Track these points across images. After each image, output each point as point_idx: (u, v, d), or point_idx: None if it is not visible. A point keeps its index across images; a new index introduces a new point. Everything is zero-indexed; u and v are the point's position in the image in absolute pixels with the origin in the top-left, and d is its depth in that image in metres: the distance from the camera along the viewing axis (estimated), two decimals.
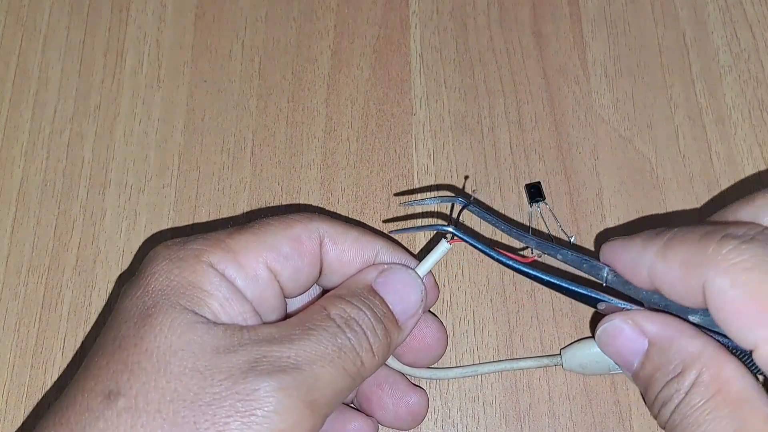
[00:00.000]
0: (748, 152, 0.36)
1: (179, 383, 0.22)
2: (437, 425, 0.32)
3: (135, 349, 0.23)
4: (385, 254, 0.28)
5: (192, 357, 0.23)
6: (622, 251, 0.27)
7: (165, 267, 0.25)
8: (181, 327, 0.23)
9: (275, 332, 0.24)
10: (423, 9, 0.40)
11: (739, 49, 0.39)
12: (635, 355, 0.25)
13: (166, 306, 0.24)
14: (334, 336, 0.24)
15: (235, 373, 0.22)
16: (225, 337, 0.23)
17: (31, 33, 0.39)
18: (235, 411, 0.22)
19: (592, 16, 0.40)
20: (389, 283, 0.27)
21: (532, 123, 0.37)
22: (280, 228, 0.27)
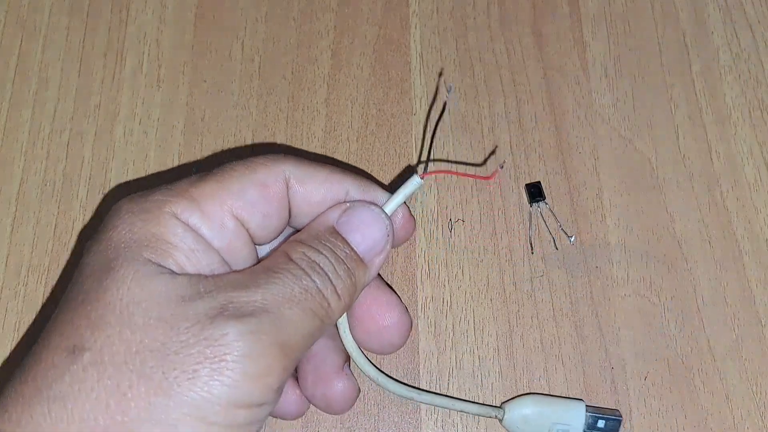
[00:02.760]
0: (748, 152, 0.36)
1: (144, 334, 0.22)
2: (437, 425, 0.32)
3: (98, 303, 0.22)
4: (356, 192, 0.27)
5: (156, 307, 0.22)
6: None
7: (128, 219, 0.24)
8: (144, 278, 0.23)
9: (240, 278, 0.24)
10: (423, 9, 0.40)
11: (740, 49, 0.38)
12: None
13: (129, 258, 0.23)
14: (299, 279, 0.24)
15: (202, 319, 0.22)
16: (190, 286, 0.23)
17: (31, 33, 0.39)
18: (204, 357, 0.21)
19: (592, 15, 0.40)
20: (351, 221, 0.27)
21: (532, 123, 0.37)
22: (244, 173, 0.26)
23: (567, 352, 0.33)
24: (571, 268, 0.34)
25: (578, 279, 0.34)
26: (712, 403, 0.32)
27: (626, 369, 0.33)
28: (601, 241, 0.35)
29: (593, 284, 0.34)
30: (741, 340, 0.33)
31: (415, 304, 0.34)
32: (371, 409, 0.32)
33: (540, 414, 0.31)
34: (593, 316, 0.33)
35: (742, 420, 0.32)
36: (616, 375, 0.33)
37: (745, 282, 0.34)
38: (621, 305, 0.34)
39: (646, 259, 0.34)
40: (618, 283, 0.34)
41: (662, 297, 0.34)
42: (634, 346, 0.33)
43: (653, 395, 0.32)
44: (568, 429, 0.30)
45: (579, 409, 0.31)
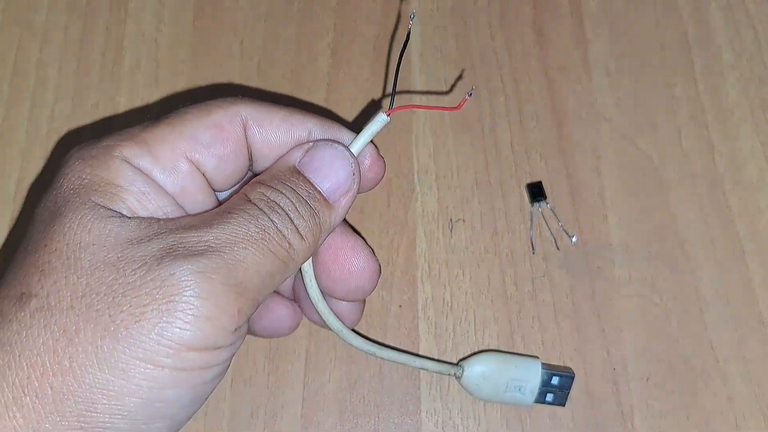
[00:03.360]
0: (750, 151, 0.36)
1: (91, 278, 0.21)
2: (438, 426, 0.32)
3: (44, 249, 0.22)
4: (319, 132, 0.26)
5: (104, 251, 0.21)
6: None
7: (77, 166, 0.23)
8: (91, 222, 0.22)
9: (193, 220, 0.23)
10: (423, 7, 0.40)
11: (742, 48, 0.38)
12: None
13: (77, 203, 0.22)
14: (255, 218, 0.23)
15: (149, 261, 0.21)
16: (139, 229, 0.22)
17: (29, 32, 0.39)
18: (151, 299, 0.20)
19: (593, 14, 0.39)
20: (314, 161, 0.25)
21: (534, 122, 0.37)
22: (197, 116, 0.25)
23: (568, 353, 0.33)
24: (572, 268, 0.34)
25: (580, 279, 0.34)
26: (714, 404, 0.32)
27: (628, 370, 0.32)
28: (602, 241, 0.35)
29: (595, 284, 0.34)
30: (743, 340, 0.33)
31: (416, 305, 0.34)
32: (371, 409, 0.32)
33: (497, 371, 0.31)
34: (595, 316, 0.33)
35: (744, 421, 0.31)
36: (618, 376, 0.32)
37: (748, 282, 0.34)
38: (623, 306, 0.33)
39: (648, 260, 0.34)
40: (620, 283, 0.34)
41: (664, 297, 0.34)
42: (636, 347, 0.33)
43: (655, 396, 0.32)
44: (524, 386, 0.31)
45: (535, 366, 0.31)
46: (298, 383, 0.32)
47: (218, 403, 0.32)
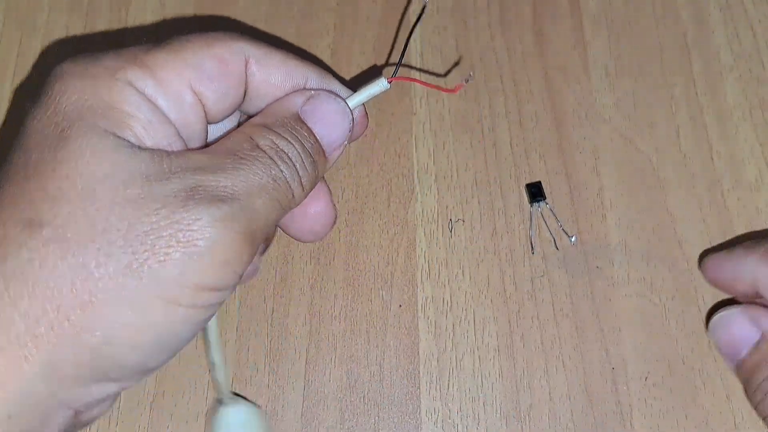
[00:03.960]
0: (749, 152, 0.36)
1: (110, 213, 0.20)
2: (437, 426, 0.32)
3: (53, 174, 0.21)
4: (315, 81, 0.26)
5: (121, 185, 0.21)
6: (726, 262, 0.29)
7: (77, 84, 0.22)
8: (103, 151, 0.21)
9: (206, 160, 0.22)
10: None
11: (741, 48, 0.38)
12: (745, 345, 0.28)
13: (84, 128, 0.21)
14: (268, 168, 0.23)
15: (172, 201, 0.21)
16: (153, 164, 0.22)
17: (30, 32, 0.39)
18: (176, 241, 0.21)
19: (593, 15, 0.39)
20: (317, 112, 0.25)
21: (533, 122, 0.37)
22: (202, 46, 0.24)
23: (568, 353, 0.33)
24: (571, 268, 0.34)
25: (579, 279, 0.34)
26: (713, 403, 0.32)
27: (627, 369, 0.33)
28: (601, 241, 0.35)
29: (594, 284, 0.34)
30: None
31: (416, 305, 0.34)
32: (371, 409, 0.32)
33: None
34: (594, 316, 0.33)
35: (743, 420, 0.32)
36: (617, 375, 0.32)
37: None
38: (622, 305, 0.33)
39: (647, 260, 0.34)
40: (619, 283, 0.34)
41: (663, 297, 0.34)
42: (634, 347, 0.33)
43: (654, 396, 0.32)
44: None
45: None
46: (299, 383, 0.33)
47: None
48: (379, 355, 0.33)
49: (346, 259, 0.34)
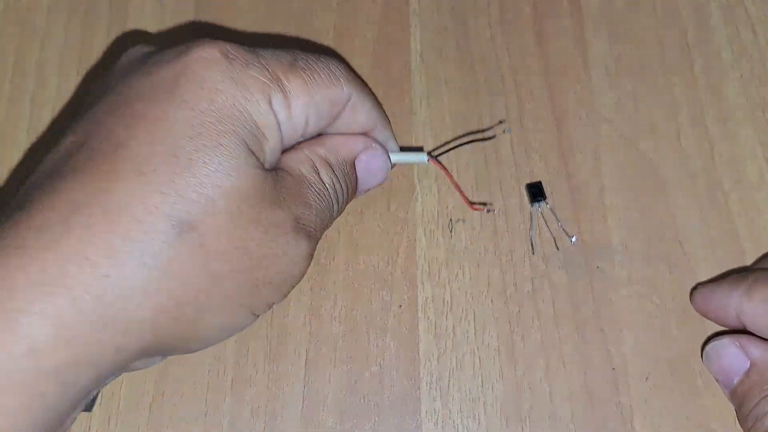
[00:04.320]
0: (750, 152, 0.36)
1: (247, 233, 0.23)
2: (437, 426, 0.32)
3: (207, 180, 0.22)
4: (380, 128, 0.30)
5: (256, 206, 0.23)
6: (712, 296, 0.31)
7: (231, 92, 0.23)
8: (247, 171, 0.23)
9: (296, 188, 0.25)
10: (423, 8, 0.40)
11: (742, 48, 0.38)
12: (737, 373, 0.29)
13: (235, 142, 0.23)
14: (330, 205, 0.27)
15: (284, 229, 0.24)
16: (275, 190, 0.24)
17: (30, 32, 0.39)
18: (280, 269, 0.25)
19: (593, 15, 0.39)
20: (369, 164, 0.29)
21: (533, 122, 0.37)
22: (327, 83, 0.26)
23: (568, 353, 0.33)
24: (572, 268, 0.34)
25: (579, 279, 0.34)
26: (714, 403, 0.32)
27: (628, 370, 0.32)
28: (602, 242, 0.35)
29: (594, 285, 0.34)
30: None
31: (416, 305, 0.34)
32: (371, 410, 0.32)
33: None
34: (594, 316, 0.33)
35: None
36: (618, 376, 0.32)
37: None
38: (622, 306, 0.33)
39: (647, 260, 0.34)
40: (619, 283, 0.34)
41: (664, 297, 0.34)
42: (635, 347, 0.33)
43: (655, 396, 0.32)
44: None
45: None
46: (299, 383, 0.32)
47: (218, 403, 0.32)
48: (379, 356, 0.33)
49: (346, 260, 0.34)
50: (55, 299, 0.20)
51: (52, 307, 0.20)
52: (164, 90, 0.23)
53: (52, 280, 0.20)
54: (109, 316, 0.21)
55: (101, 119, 0.23)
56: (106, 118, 0.23)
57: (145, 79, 0.23)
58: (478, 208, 0.33)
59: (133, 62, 0.25)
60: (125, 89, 0.23)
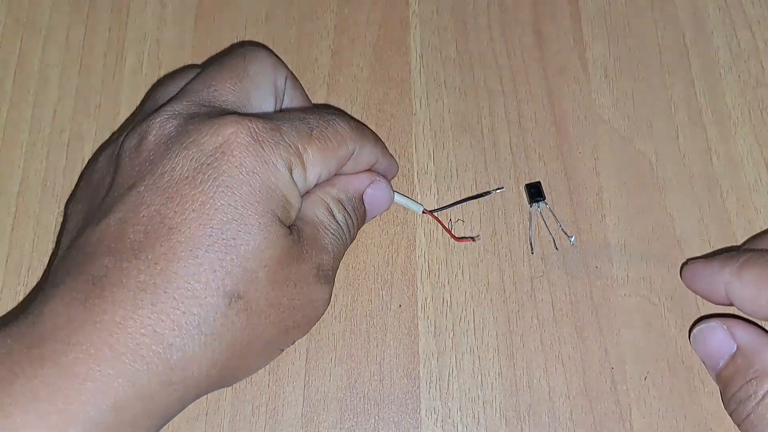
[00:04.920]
0: (748, 152, 0.36)
1: (280, 293, 0.27)
2: (437, 425, 0.32)
3: (244, 252, 0.25)
4: (382, 161, 0.33)
5: (286, 267, 0.27)
6: (702, 272, 0.31)
7: (264, 173, 0.26)
8: (277, 239, 0.26)
9: (312, 235, 0.29)
10: (423, 9, 0.40)
11: (739, 49, 0.39)
12: (723, 356, 0.30)
13: (265, 213, 0.26)
14: (344, 241, 0.31)
15: (313, 281, 0.28)
16: (299, 248, 0.27)
17: (31, 32, 0.39)
18: (307, 313, 0.28)
19: (592, 16, 0.40)
20: (375, 197, 0.32)
21: (532, 123, 0.37)
22: (337, 148, 0.29)
23: (567, 352, 0.33)
24: (571, 268, 0.34)
25: (578, 279, 0.34)
26: (711, 403, 0.32)
27: (626, 369, 0.33)
28: (601, 242, 0.35)
29: (593, 284, 0.34)
30: None
31: (415, 304, 0.34)
32: (371, 409, 0.32)
33: None
34: (593, 316, 0.34)
35: None
36: (616, 375, 0.33)
37: None
38: (621, 305, 0.34)
39: (646, 260, 0.34)
40: (618, 283, 0.34)
41: (662, 297, 0.34)
42: (633, 347, 0.33)
43: (653, 395, 0.32)
44: None
45: None
46: (299, 382, 0.33)
47: (219, 401, 0.32)
48: (379, 355, 0.33)
49: (346, 259, 0.35)
50: (133, 366, 0.24)
51: (132, 372, 0.24)
52: (208, 176, 0.26)
53: (130, 350, 0.24)
54: (174, 376, 0.24)
55: (150, 201, 0.26)
56: (154, 200, 0.26)
57: (187, 162, 0.26)
58: (464, 241, 0.35)
59: (167, 127, 0.27)
60: (168, 170, 0.26)
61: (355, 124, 0.31)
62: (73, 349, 0.23)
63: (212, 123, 0.26)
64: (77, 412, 0.23)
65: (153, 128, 0.27)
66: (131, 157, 0.27)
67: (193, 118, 0.27)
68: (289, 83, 0.33)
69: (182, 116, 0.28)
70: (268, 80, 0.31)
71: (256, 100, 0.30)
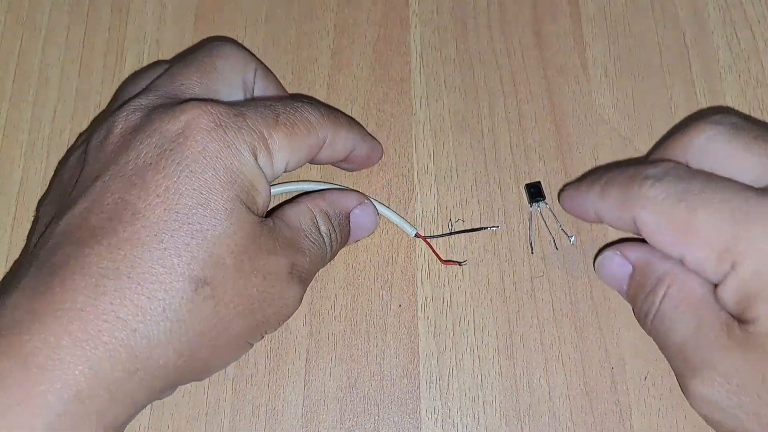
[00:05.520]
0: None
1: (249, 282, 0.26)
2: (437, 425, 0.32)
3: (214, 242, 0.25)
4: (362, 145, 0.33)
5: (254, 258, 0.27)
6: (574, 196, 0.32)
7: (228, 157, 0.26)
8: (245, 226, 0.26)
9: (290, 235, 0.29)
10: (423, 9, 0.40)
11: (739, 48, 0.39)
12: (624, 279, 0.31)
13: (232, 201, 0.26)
14: (324, 252, 0.31)
15: (285, 277, 0.28)
16: (270, 238, 0.27)
17: (31, 32, 0.39)
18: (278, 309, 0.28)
19: (592, 15, 0.40)
20: (361, 219, 0.33)
21: (532, 123, 0.37)
22: (305, 134, 0.29)
23: (567, 352, 0.33)
24: (571, 268, 0.34)
25: (578, 279, 0.34)
26: None
27: (626, 369, 0.33)
28: (601, 241, 0.35)
29: (593, 284, 0.34)
30: None
31: (415, 304, 0.34)
32: (371, 408, 0.32)
33: None
34: (593, 316, 0.34)
35: None
36: (616, 375, 0.33)
37: None
38: (621, 305, 0.34)
39: None
40: None
41: None
42: (634, 346, 0.33)
43: (653, 395, 0.32)
44: None
45: None
46: (299, 382, 0.33)
47: (219, 401, 0.32)
48: (379, 355, 0.33)
49: (346, 259, 0.35)
50: (95, 353, 0.23)
51: (93, 360, 0.23)
52: (171, 160, 0.26)
53: (91, 337, 0.23)
54: (139, 364, 0.24)
55: (114, 189, 0.25)
56: (118, 188, 0.25)
57: (150, 148, 0.26)
58: (450, 264, 0.34)
59: (131, 119, 0.28)
60: (133, 158, 0.26)
61: (326, 111, 0.31)
62: (32, 338, 0.23)
63: (174, 109, 0.27)
64: (39, 403, 0.22)
65: (119, 122, 0.28)
66: (97, 150, 0.27)
67: (156, 108, 0.27)
68: (260, 75, 0.33)
69: (147, 108, 0.28)
70: (235, 74, 0.31)
71: (223, 93, 0.30)
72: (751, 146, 0.28)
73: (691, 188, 0.27)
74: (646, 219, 0.27)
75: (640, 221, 0.28)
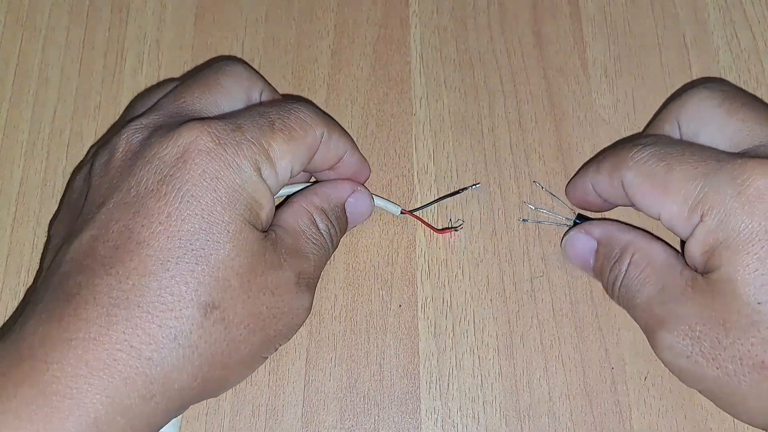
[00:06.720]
0: None
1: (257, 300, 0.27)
2: (437, 425, 0.32)
3: (220, 265, 0.26)
4: (353, 153, 0.33)
5: (261, 275, 0.27)
6: (576, 181, 0.34)
7: (229, 176, 0.26)
8: (248, 245, 0.26)
9: (293, 244, 0.29)
10: (423, 9, 0.40)
11: (739, 49, 0.39)
12: (590, 254, 0.32)
13: (240, 224, 0.26)
14: (326, 250, 0.31)
15: (293, 288, 0.28)
16: (274, 253, 0.28)
17: (31, 33, 0.39)
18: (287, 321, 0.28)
19: (592, 16, 0.40)
20: (356, 206, 0.33)
21: (532, 123, 0.37)
22: (303, 134, 0.29)
23: (567, 352, 0.33)
24: (571, 268, 0.34)
25: (578, 279, 0.34)
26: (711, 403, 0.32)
27: (626, 369, 0.33)
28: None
29: (593, 284, 0.34)
30: None
31: (415, 305, 0.34)
32: (371, 408, 0.32)
33: None
34: (593, 316, 0.34)
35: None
36: (616, 375, 0.33)
37: None
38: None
39: None
40: None
41: None
42: (634, 347, 0.33)
43: (653, 395, 0.32)
44: None
45: None
46: (299, 382, 0.33)
47: (219, 402, 0.32)
48: (379, 355, 0.33)
49: (346, 259, 0.35)
50: (111, 381, 0.24)
51: (110, 388, 0.24)
52: (172, 186, 0.26)
53: (107, 366, 0.24)
54: (155, 389, 0.25)
55: (118, 217, 0.26)
56: (122, 216, 0.26)
57: (151, 175, 0.26)
58: (446, 232, 0.35)
59: (133, 141, 0.28)
60: (134, 185, 0.26)
61: (319, 110, 0.31)
62: (50, 367, 0.23)
63: (171, 134, 0.27)
64: (59, 429, 0.23)
65: (120, 144, 0.28)
66: (101, 174, 0.28)
67: (157, 130, 0.28)
68: (266, 95, 0.33)
69: (148, 129, 0.28)
70: (239, 90, 0.31)
71: (225, 106, 0.30)
72: (738, 111, 0.29)
73: (672, 152, 0.28)
74: (631, 178, 0.29)
75: (626, 181, 0.29)
